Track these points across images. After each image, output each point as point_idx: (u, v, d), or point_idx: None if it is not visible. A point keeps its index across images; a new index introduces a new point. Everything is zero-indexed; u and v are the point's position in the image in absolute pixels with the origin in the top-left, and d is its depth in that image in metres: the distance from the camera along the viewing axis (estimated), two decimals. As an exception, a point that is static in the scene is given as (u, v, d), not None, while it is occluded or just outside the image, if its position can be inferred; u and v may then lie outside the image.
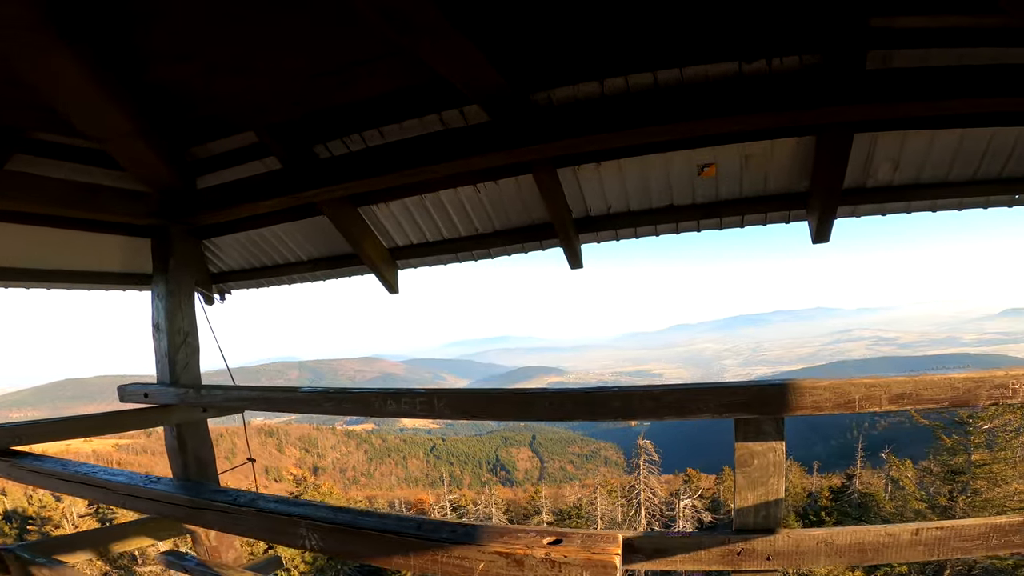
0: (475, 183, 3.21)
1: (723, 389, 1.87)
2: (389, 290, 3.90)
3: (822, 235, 2.94)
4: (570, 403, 2.06)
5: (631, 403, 1.96)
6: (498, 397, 2.21)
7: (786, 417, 1.86)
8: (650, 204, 3.18)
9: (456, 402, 2.26)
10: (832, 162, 2.61)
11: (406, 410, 2.34)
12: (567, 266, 3.51)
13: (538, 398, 2.11)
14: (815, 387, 1.76)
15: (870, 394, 1.72)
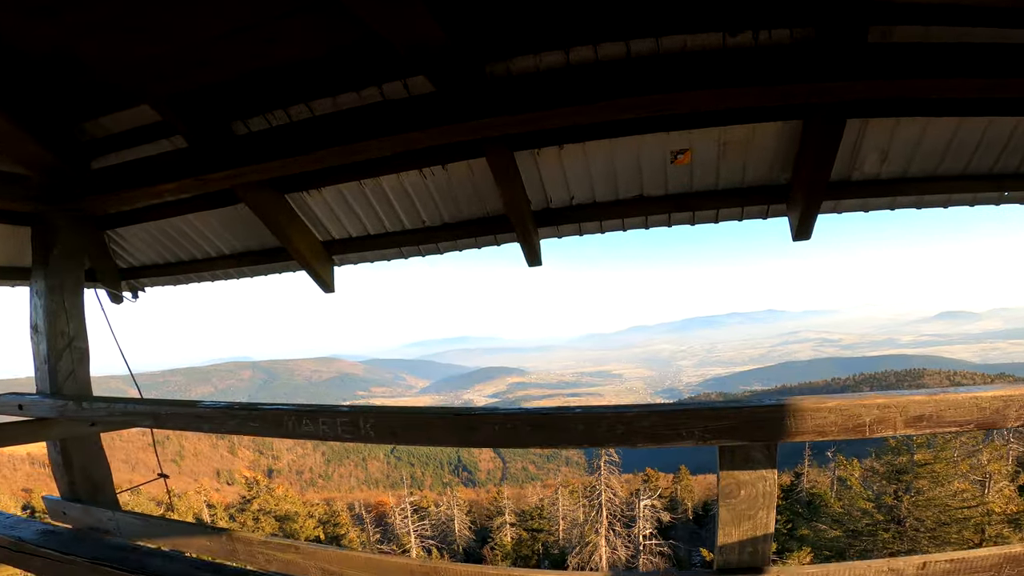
0: (420, 167, 2.80)
1: (708, 411, 1.54)
2: (324, 288, 3.43)
3: (803, 232, 2.69)
4: (525, 427, 1.68)
5: (597, 429, 1.61)
6: (437, 419, 1.81)
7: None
8: (617, 195, 2.85)
9: (386, 423, 1.85)
10: (820, 150, 2.35)
11: (325, 432, 1.92)
12: (529, 266, 3.13)
13: (484, 421, 1.73)
14: (819, 408, 1.45)
15: (883, 416, 1.43)
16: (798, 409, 1.46)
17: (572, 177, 2.79)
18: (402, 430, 1.83)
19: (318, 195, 3.09)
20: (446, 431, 1.79)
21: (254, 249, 3.58)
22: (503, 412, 1.72)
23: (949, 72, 1.90)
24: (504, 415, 1.71)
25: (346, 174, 2.91)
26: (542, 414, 1.67)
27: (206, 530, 2.52)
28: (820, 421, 1.45)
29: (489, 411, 1.75)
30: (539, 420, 1.67)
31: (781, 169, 2.65)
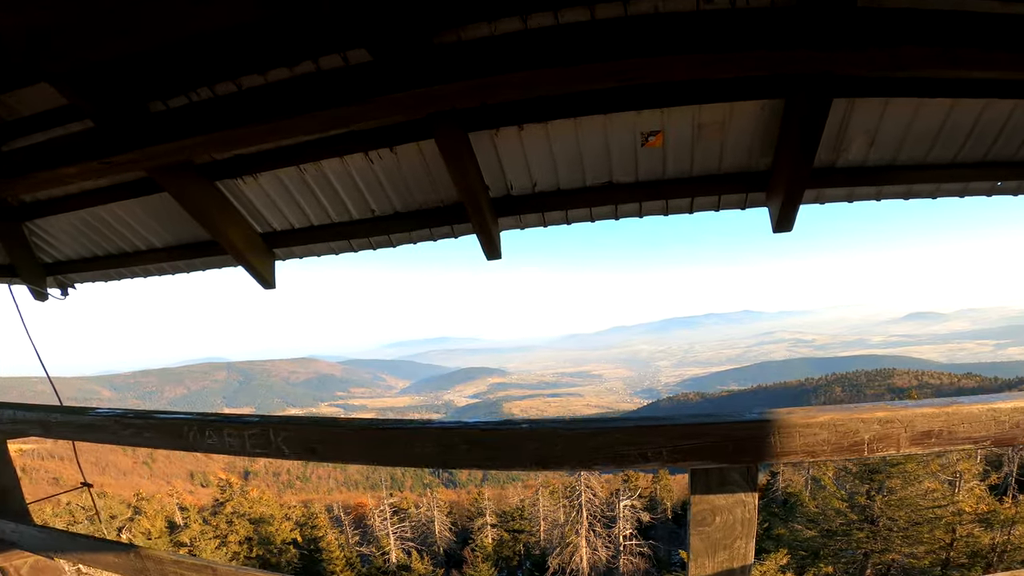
0: (366, 150, 2.51)
1: (677, 428, 1.29)
2: (263, 284, 3.11)
3: (784, 223, 2.47)
4: (462, 444, 1.41)
5: (552, 447, 1.35)
6: (360, 433, 1.52)
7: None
8: (584, 181, 2.60)
9: (301, 436, 1.56)
10: (804, 132, 2.13)
11: (231, 445, 1.63)
12: (487, 259, 2.85)
13: (420, 436, 1.46)
14: (808, 424, 1.21)
15: (885, 432, 1.19)
16: (784, 425, 1.22)
17: (534, 161, 2.52)
18: (321, 445, 1.54)
19: (253, 182, 2.77)
20: (372, 447, 1.51)
21: (187, 242, 3.25)
22: (438, 426, 1.45)
23: (953, 41, 1.69)
24: (440, 429, 1.44)
25: (283, 158, 2.61)
26: (483, 429, 1.40)
27: (114, 546, 2.26)
28: (810, 439, 1.21)
29: (422, 425, 1.47)
30: (480, 436, 1.39)
31: (761, 154, 2.43)
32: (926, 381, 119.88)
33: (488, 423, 1.44)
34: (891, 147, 2.37)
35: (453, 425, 1.44)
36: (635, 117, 2.32)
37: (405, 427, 1.46)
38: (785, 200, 2.35)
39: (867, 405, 1.26)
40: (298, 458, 1.61)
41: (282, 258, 3.22)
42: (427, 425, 1.46)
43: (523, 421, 1.43)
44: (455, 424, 1.45)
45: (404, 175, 2.64)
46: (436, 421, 1.51)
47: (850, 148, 2.37)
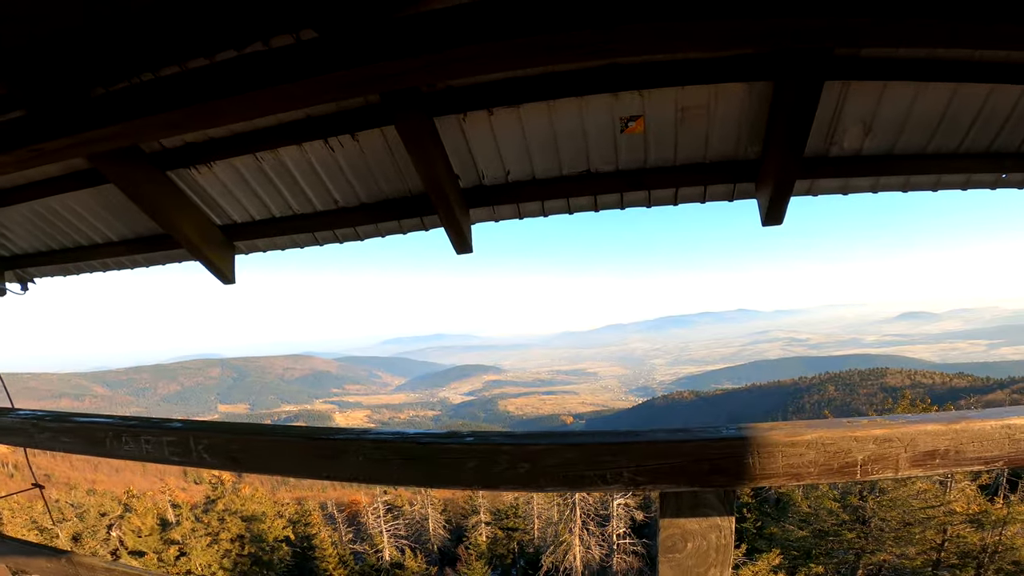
0: (325, 137, 2.33)
1: (643, 446, 1.12)
2: (221, 279, 2.93)
3: (774, 215, 2.30)
4: (398, 459, 1.25)
5: (493, 465, 1.18)
6: (289, 443, 1.35)
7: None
8: (561, 170, 2.42)
9: (224, 445, 1.39)
10: (794, 117, 1.96)
11: (149, 452, 1.48)
12: (457, 252, 2.67)
13: (348, 448, 1.29)
14: (793, 443, 1.04)
15: (883, 453, 1.03)
16: (765, 444, 1.05)
17: (507, 148, 2.35)
18: (244, 455, 1.38)
19: (208, 172, 2.59)
20: (299, 459, 1.34)
21: (144, 235, 3.06)
22: (373, 437, 1.27)
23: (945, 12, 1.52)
24: (374, 441, 1.27)
25: (238, 146, 2.43)
26: (421, 443, 1.22)
27: (45, 551, 2.15)
28: (795, 460, 1.05)
29: (357, 434, 1.30)
30: (416, 451, 1.23)
31: (749, 142, 2.26)
32: (919, 380, 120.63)
33: (428, 435, 1.27)
34: (889, 135, 2.21)
35: (389, 437, 1.27)
36: (612, 100, 2.15)
37: (333, 438, 1.29)
38: (775, 192, 2.19)
39: (862, 420, 1.10)
40: (221, 468, 1.46)
41: (245, 251, 3.04)
42: (360, 436, 1.29)
43: (468, 434, 1.26)
44: (391, 436, 1.28)
45: (368, 164, 2.46)
46: (373, 431, 1.34)
47: (844, 137, 2.21)
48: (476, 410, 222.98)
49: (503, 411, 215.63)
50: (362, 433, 1.31)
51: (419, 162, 2.20)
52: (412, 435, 1.28)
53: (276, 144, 2.39)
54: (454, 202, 2.37)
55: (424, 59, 1.63)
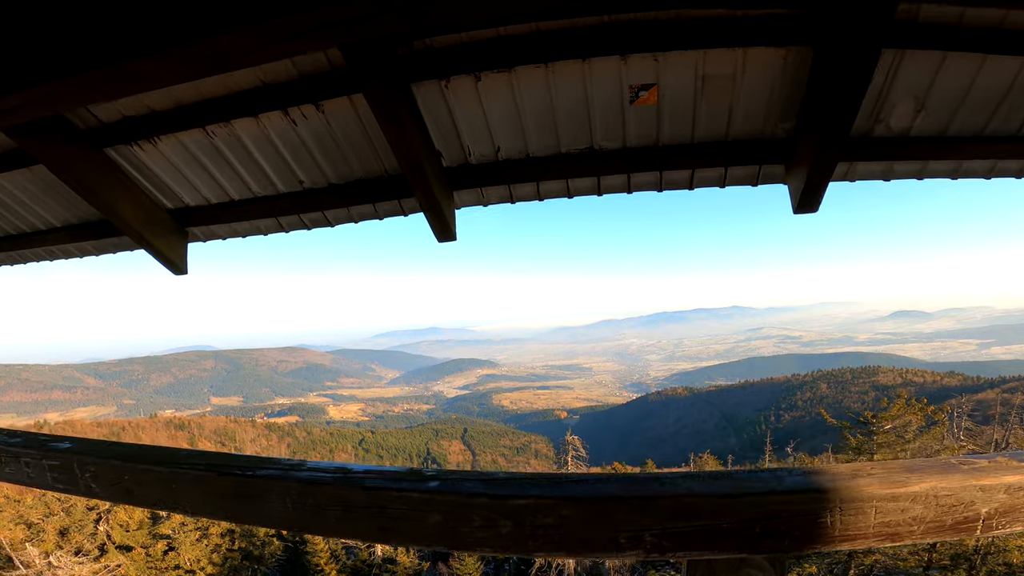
0: (284, 107, 2.00)
1: (670, 502, 0.82)
2: (172, 270, 2.59)
3: (809, 201, 1.99)
4: (336, 507, 0.94)
5: (464, 520, 0.88)
6: (195, 476, 1.04)
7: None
8: (559, 147, 2.10)
9: (116, 475, 1.09)
10: (841, 89, 1.65)
11: (32, 477, 1.18)
12: (438, 240, 2.35)
13: (272, 490, 0.98)
14: (895, 495, 0.74)
15: (1015, 503, 0.73)
16: (852, 498, 0.75)
17: (497, 120, 2.02)
18: (140, 488, 1.07)
19: (153, 149, 2.25)
20: (208, 499, 1.03)
21: (90, 220, 2.72)
22: (306, 476, 0.96)
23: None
24: (305, 483, 0.95)
25: (183, 119, 2.10)
26: (368, 488, 0.91)
27: None
28: (894, 517, 0.75)
29: (283, 470, 0.99)
30: (360, 499, 0.92)
31: (781, 117, 1.95)
32: (910, 379, 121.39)
33: (379, 475, 0.95)
34: (943, 114, 1.90)
35: (325, 477, 0.95)
36: (621, 65, 1.83)
37: (251, 474, 0.98)
38: (811, 175, 1.87)
39: (980, 461, 0.79)
40: (115, 501, 1.14)
41: (202, 238, 2.70)
42: (286, 474, 0.98)
43: (432, 476, 0.95)
44: (329, 475, 0.96)
45: (336, 138, 2.13)
46: (307, 467, 1.02)
47: (892, 113, 1.90)
48: (470, 404, 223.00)
49: (497, 405, 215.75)
50: (289, 469, 0.99)
51: (392, 136, 1.88)
52: (357, 475, 0.97)
53: (228, 117, 2.06)
54: (434, 183, 2.05)
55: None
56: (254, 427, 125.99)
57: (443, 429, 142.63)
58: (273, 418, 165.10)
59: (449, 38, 1.79)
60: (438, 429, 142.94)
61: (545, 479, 0.95)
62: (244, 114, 2.05)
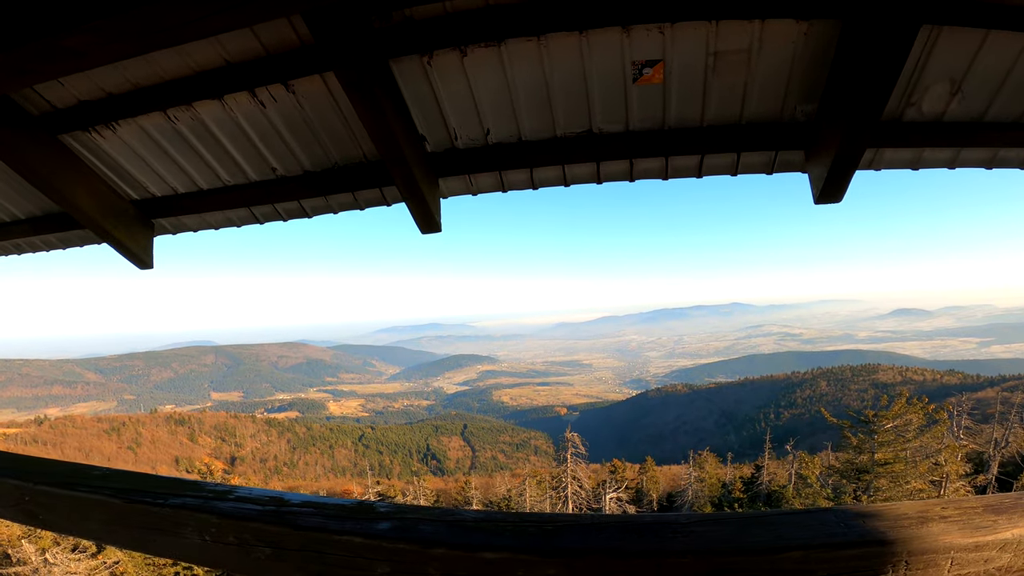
0: (251, 87, 1.82)
1: (686, 565, 0.64)
2: (136, 264, 2.41)
3: (832, 191, 1.79)
4: (264, 547, 0.76)
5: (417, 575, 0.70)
6: (103, 503, 0.86)
7: None
8: (555, 130, 1.91)
9: (16, 495, 0.93)
10: (875, 68, 1.46)
11: None
12: (422, 232, 2.16)
13: (187, 524, 0.80)
14: (978, 544, 0.56)
15: None
16: (921, 549, 0.57)
17: (486, 100, 1.83)
18: (45, 512, 0.92)
19: (112, 135, 2.07)
20: (119, 527, 0.87)
21: (53, 213, 2.53)
22: (229, 508, 0.79)
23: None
24: (227, 517, 0.78)
25: (143, 102, 1.91)
26: (300, 529, 0.74)
27: None
28: (975, 568, 0.58)
29: (201, 501, 0.81)
30: (292, 540, 0.74)
31: (801, 98, 1.75)
32: (910, 377, 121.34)
33: (316, 510, 0.77)
34: (982, 98, 1.72)
35: (252, 510, 0.77)
36: (623, 38, 1.64)
37: (164, 503, 0.80)
38: (836, 163, 1.68)
39: None
40: (20, 523, 0.97)
41: (172, 231, 2.52)
42: (205, 504, 0.80)
43: (386, 515, 0.77)
44: (263, 507, 0.78)
45: (310, 122, 1.95)
46: (233, 495, 0.84)
47: (925, 96, 1.71)
48: (470, 400, 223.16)
49: (497, 401, 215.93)
50: (212, 498, 0.81)
51: (368, 119, 1.69)
52: (291, 509, 0.78)
53: (190, 99, 1.88)
54: (416, 170, 1.86)
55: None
56: (254, 423, 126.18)
57: (443, 425, 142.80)
58: (273, 413, 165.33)
59: (431, 8, 1.61)
60: (438, 425, 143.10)
61: (530, 522, 0.76)
62: (207, 96, 1.87)
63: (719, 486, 32.88)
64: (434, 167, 2.00)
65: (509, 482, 41.68)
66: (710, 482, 32.29)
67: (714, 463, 36.05)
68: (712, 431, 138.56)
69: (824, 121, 1.72)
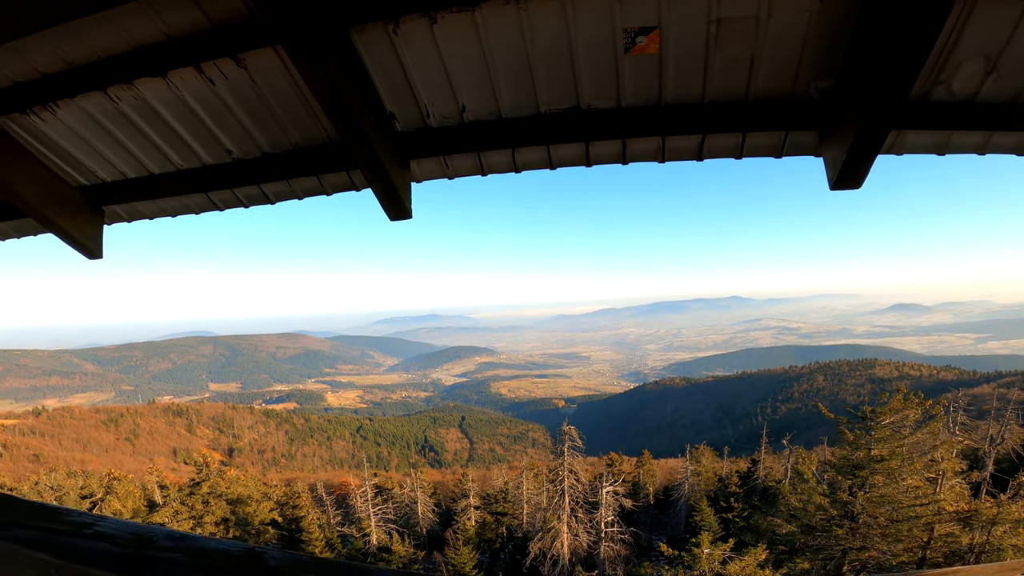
0: (197, 63, 1.62)
1: None
2: (85, 254, 2.21)
3: (850, 175, 1.59)
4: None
5: None
6: None
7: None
8: (538, 106, 1.70)
9: None
10: (904, 40, 1.27)
11: None
12: (390, 219, 1.97)
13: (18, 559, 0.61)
14: None
15: None
16: None
17: (461, 73, 1.63)
18: None
19: (53, 118, 1.87)
20: None
21: (0, 199, 2.34)
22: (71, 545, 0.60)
23: None
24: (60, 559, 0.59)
25: (81, 81, 1.72)
26: None
27: None
28: None
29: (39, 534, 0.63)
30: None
31: (816, 73, 1.55)
32: (907, 372, 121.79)
33: (193, 551, 0.59)
34: (1019, 77, 1.52)
35: (109, 551, 0.60)
36: (613, 2, 1.44)
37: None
38: (856, 144, 1.47)
39: None
40: None
41: (126, 218, 2.32)
42: (54, 540, 0.61)
43: (276, 571, 0.59)
44: (120, 547, 0.60)
45: (265, 99, 1.75)
46: (99, 528, 0.66)
47: (956, 74, 1.51)
48: (468, 392, 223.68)
49: (495, 393, 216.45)
50: (61, 533, 0.64)
51: (324, 96, 1.48)
52: (156, 552, 0.62)
53: (130, 77, 1.68)
54: (382, 151, 1.66)
55: None
56: (252, 414, 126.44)
57: (441, 417, 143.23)
58: (271, 404, 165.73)
59: (396, -36, 1.40)
60: (436, 417, 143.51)
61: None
62: (148, 73, 1.67)
63: (715, 480, 32.94)
64: (404, 148, 1.80)
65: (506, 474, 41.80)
66: (706, 476, 32.33)
67: (711, 457, 36.06)
68: (709, 424, 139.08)
69: (843, 99, 1.52)
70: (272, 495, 33.49)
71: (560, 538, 27.73)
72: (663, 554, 19.82)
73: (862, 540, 16.02)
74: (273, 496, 33.22)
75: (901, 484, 15.51)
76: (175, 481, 35.91)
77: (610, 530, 28.52)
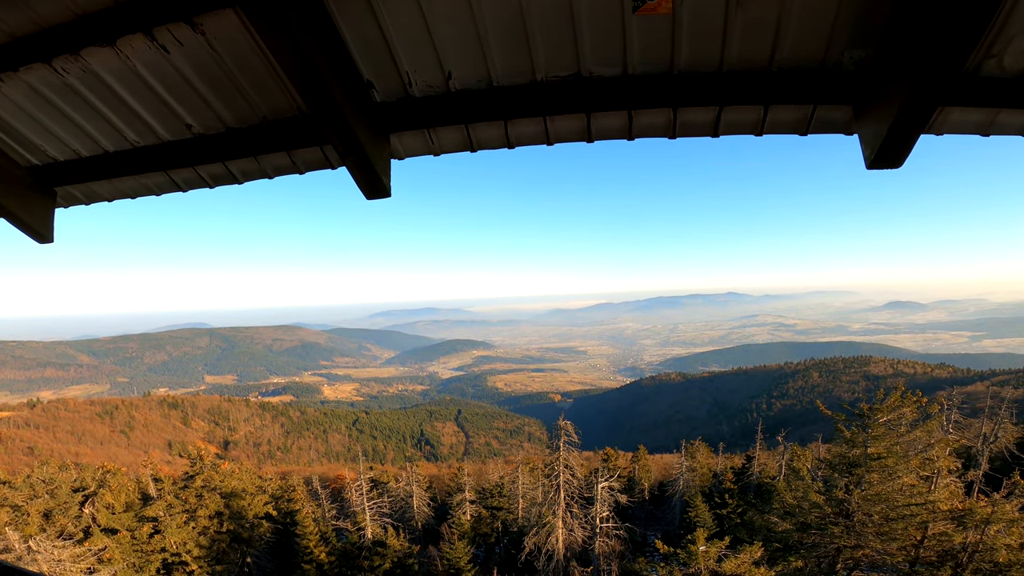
0: (146, 28, 1.42)
1: None
2: (35, 237, 2.01)
3: (890, 154, 1.40)
4: None
5: None
6: None
7: None
8: (534, 72, 1.50)
9: None
10: (958, 7, 1.08)
11: None
12: (367, 197, 1.77)
13: None
14: None
15: None
16: None
17: (446, 35, 1.43)
18: None
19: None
20: None
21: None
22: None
23: None
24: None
25: (24, 53, 1.52)
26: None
27: None
28: None
29: None
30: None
31: (851, 40, 1.36)
32: (901, 370, 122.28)
33: None
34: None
35: None
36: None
37: None
38: (899, 120, 1.28)
39: None
40: None
41: (84, 200, 2.12)
42: None
43: None
44: None
45: (226, 67, 1.54)
46: None
47: (1008, 49, 1.32)
48: (465, 385, 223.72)
49: (492, 387, 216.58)
50: None
51: (288, 63, 1.28)
52: None
53: (75, 47, 1.48)
54: (356, 123, 1.45)
55: None
56: (248, 406, 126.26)
57: (437, 411, 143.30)
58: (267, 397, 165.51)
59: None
60: (432, 410, 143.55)
61: None
62: (96, 42, 1.47)
63: (710, 476, 32.95)
64: (384, 120, 1.60)
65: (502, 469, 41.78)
66: (701, 472, 32.34)
67: (706, 453, 36.07)
68: (705, 420, 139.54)
69: (884, 70, 1.33)
70: (267, 488, 33.35)
71: (555, 533, 27.71)
72: (658, 550, 19.75)
73: (856, 538, 15.96)
74: (268, 489, 33.09)
75: (896, 482, 15.44)
76: (170, 474, 35.66)
77: (605, 525, 28.52)
